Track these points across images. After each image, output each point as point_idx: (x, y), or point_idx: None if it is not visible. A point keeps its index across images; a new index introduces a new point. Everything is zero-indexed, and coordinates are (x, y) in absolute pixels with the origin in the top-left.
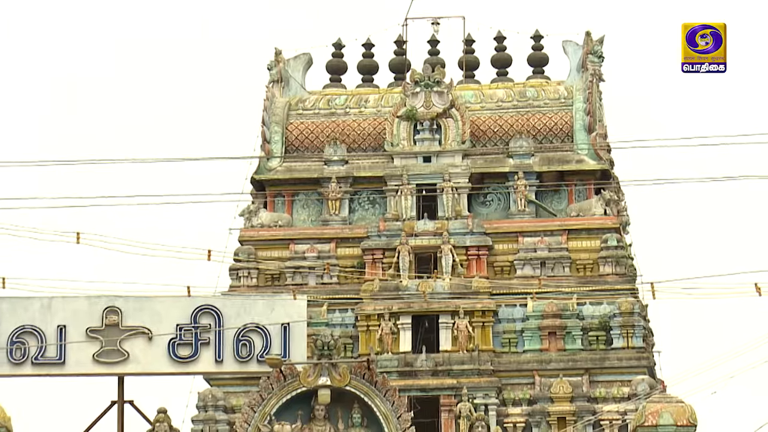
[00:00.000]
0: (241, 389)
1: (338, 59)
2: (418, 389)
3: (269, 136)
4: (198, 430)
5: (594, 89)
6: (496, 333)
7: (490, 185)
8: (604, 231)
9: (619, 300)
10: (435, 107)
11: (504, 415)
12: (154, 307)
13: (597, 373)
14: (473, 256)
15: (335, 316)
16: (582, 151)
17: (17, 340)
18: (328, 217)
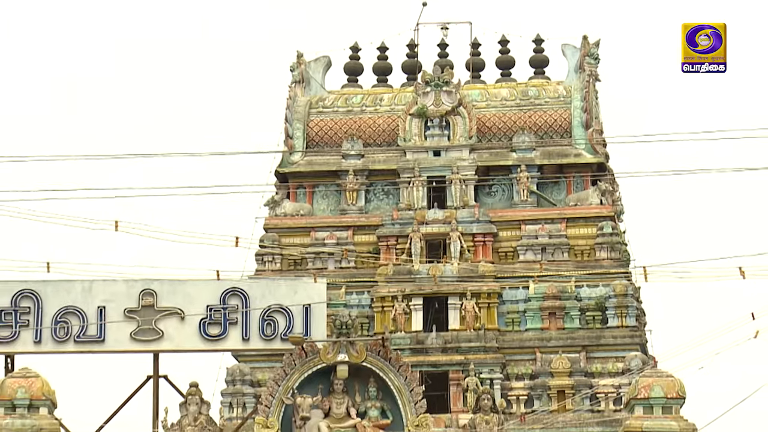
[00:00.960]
0: (266, 365)
1: (355, 61)
2: (428, 365)
3: (292, 132)
4: (227, 403)
5: (591, 89)
6: (500, 313)
7: (495, 177)
8: (600, 219)
9: (613, 283)
10: (444, 105)
11: (508, 388)
12: (186, 289)
13: (593, 350)
14: (479, 243)
15: (352, 298)
16: (579, 146)
17: (61, 320)
18: (345, 207)
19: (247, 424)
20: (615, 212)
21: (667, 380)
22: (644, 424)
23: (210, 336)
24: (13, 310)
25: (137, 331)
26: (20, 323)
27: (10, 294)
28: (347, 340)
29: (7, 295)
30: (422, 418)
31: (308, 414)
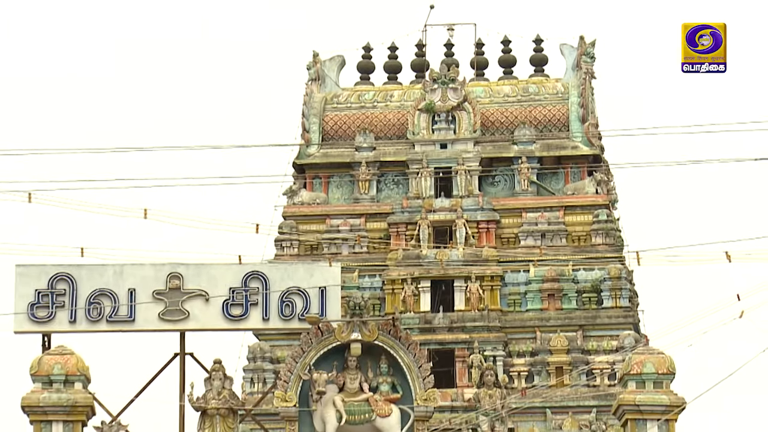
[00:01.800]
0: (285, 343)
1: (367, 60)
2: (436, 343)
3: (308, 126)
4: (248, 378)
5: (587, 85)
6: (502, 295)
7: (498, 168)
8: (595, 207)
9: (608, 266)
10: (450, 101)
11: (510, 365)
12: (210, 272)
13: (589, 329)
14: (483, 229)
15: (365, 281)
16: (576, 139)
17: (94, 301)
18: (358, 196)
19: (268, 398)
20: (609, 201)
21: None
22: (637, 398)
23: (232, 316)
24: (49, 292)
25: (165, 311)
26: (56, 304)
27: (47, 277)
28: (360, 320)
29: (44, 278)
30: (430, 392)
31: (324, 389)
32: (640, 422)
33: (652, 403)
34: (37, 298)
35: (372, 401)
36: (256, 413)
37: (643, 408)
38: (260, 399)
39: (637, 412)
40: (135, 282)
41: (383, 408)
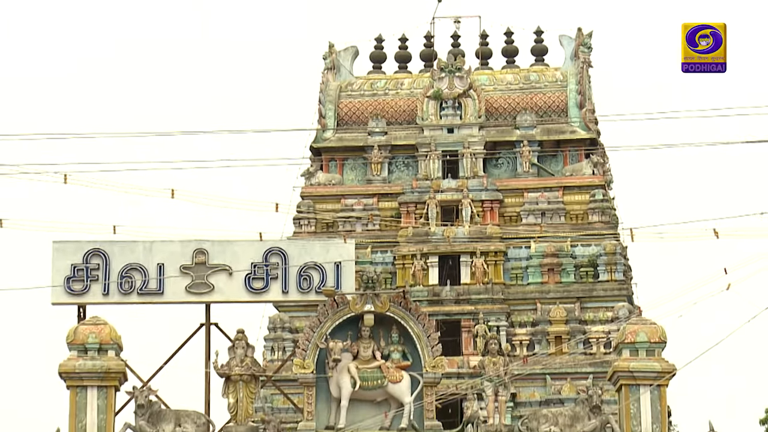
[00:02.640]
0: (303, 314)
1: (379, 51)
2: (443, 314)
3: (324, 112)
4: (269, 347)
5: (584, 74)
6: (505, 269)
7: (501, 151)
8: (592, 187)
9: (604, 242)
10: (457, 89)
11: (512, 334)
12: (233, 248)
13: (586, 301)
14: (487, 208)
15: (377, 256)
16: (574, 124)
17: (125, 275)
18: (371, 177)
19: (287, 365)
20: (605, 181)
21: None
22: (630, 365)
23: (254, 289)
24: (84, 267)
25: (191, 284)
26: (91, 278)
27: (82, 252)
28: (373, 292)
29: (79, 254)
30: (438, 360)
31: (339, 356)
32: (633, 387)
33: (645, 369)
34: (72, 272)
35: (384, 368)
36: (277, 379)
37: (636, 374)
38: (280, 366)
39: (630, 378)
40: (163, 257)
41: (394, 374)
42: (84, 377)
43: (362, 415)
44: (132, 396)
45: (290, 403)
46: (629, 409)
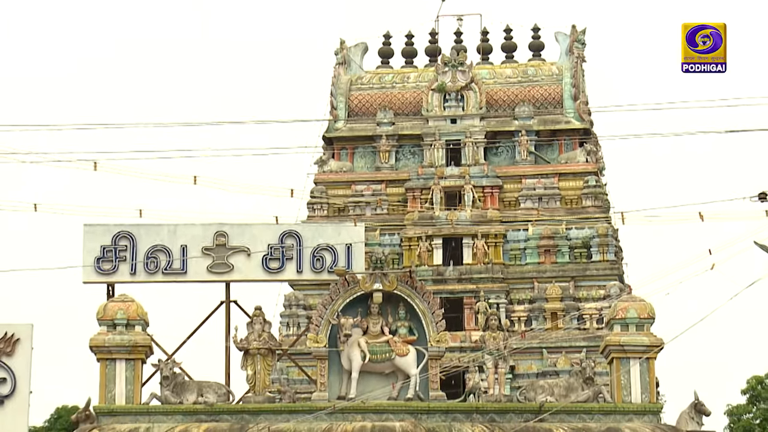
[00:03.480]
0: (316, 292)
1: (387, 47)
2: (447, 292)
3: (336, 104)
4: (285, 323)
5: (578, 68)
6: (505, 250)
7: (501, 140)
8: (585, 174)
9: (597, 225)
10: (459, 82)
11: (511, 311)
12: (251, 231)
13: (580, 280)
14: (488, 193)
15: (385, 239)
16: (569, 114)
17: (151, 256)
18: (380, 165)
19: (301, 339)
20: (598, 168)
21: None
22: (621, 339)
23: (271, 269)
24: (113, 248)
25: (212, 265)
26: (119, 258)
27: (111, 235)
28: (381, 272)
29: (108, 236)
30: (442, 335)
31: (350, 332)
32: (624, 360)
33: (635, 343)
34: (102, 253)
35: (392, 342)
36: (292, 353)
37: (626, 348)
38: (295, 341)
39: (621, 352)
40: (186, 239)
41: (401, 348)
42: (113, 351)
43: (371, 386)
44: (157, 368)
45: (304, 374)
46: (620, 380)
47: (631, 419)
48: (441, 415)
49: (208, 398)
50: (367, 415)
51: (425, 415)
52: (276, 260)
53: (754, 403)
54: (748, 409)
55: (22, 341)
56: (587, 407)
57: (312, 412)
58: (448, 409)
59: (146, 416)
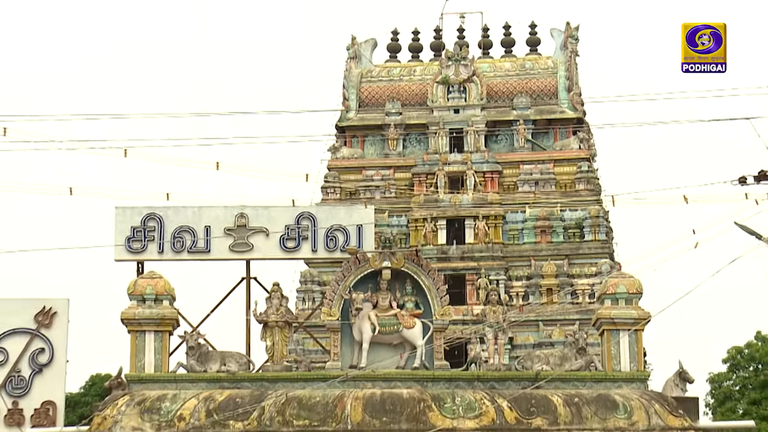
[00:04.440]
0: (330, 269)
1: (395, 42)
2: (450, 270)
3: (348, 96)
4: (301, 297)
5: (572, 62)
6: (504, 231)
7: (500, 129)
8: (579, 160)
9: (589, 208)
10: (462, 75)
11: (510, 287)
12: (270, 213)
13: (574, 258)
14: (488, 178)
15: (393, 220)
16: (563, 105)
17: (178, 236)
18: (388, 152)
19: (316, 313)
20: (590, 155)
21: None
22: (611, 312)
23: (287, 248)
24: (142, 228)
25: (234, 244)
26: (148, 238)
27: (140, 216)
28: (390, 251)
29: (138, 217)
30: (446, 309)
31: (361, 306)
32: (614, 332)
33: (624, 317)
34: (132, 233)
35: (399, 316)
36: (307, 325)
37: (616, 321)
38: (310, 314)
39: (611, 324)
40: (210, 220)
41: (408, 321)
42: (142, 323)
43: (381, 356)
44: (183, 339)
45: (319, 345)
46: (610, 350)
47: (621, 386)
48: (445, 382)
49: (230, 367)
50: (376, 383)
51: (430, 382)
52: (292, 240)
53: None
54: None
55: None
56: (580, 375)
57: (326, 380)
58: (451, 377)
59: (173, 383)
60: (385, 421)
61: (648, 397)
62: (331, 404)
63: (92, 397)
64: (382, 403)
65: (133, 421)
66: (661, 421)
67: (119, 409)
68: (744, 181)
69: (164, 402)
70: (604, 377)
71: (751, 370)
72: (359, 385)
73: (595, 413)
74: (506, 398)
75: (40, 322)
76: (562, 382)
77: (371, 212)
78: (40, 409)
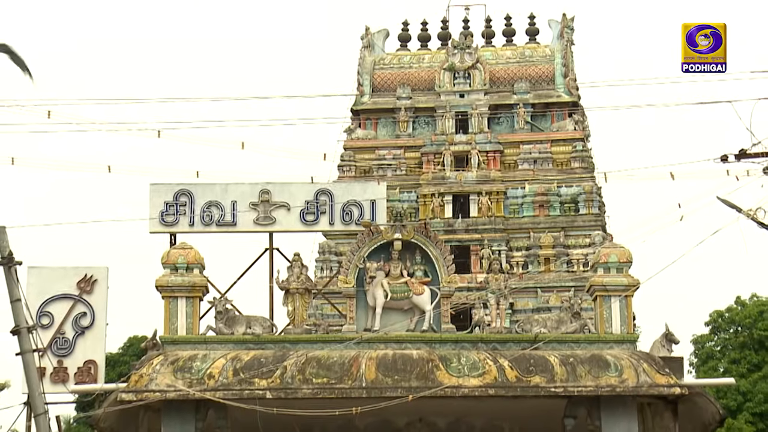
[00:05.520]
0: (346, 241)
1: (405, 32)
2: (456, 241)
3: (362, 82)
4: (319, 266)
5: (568, 50)
6: (505, 205)
7: (502, 112)
8: (574, 140)
9: (583, 184)
10: (467, 62)
11: (510, 256)
12: (290, 189)
13: (569, 230)
14: (491, 157)
15: (404, 195)
16: (560, 89)
17: (206, 210)
18: (399, 133)
19: (333, 280)
20: (584, 135)
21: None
22: (604, 280)
23: (307, 221)
24: (174, 204)
25: (258, 218)
26: (179, 212)
27: (172, 192)
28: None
29: (170, 193)
30: (452, 276)
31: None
32: (606, 298)
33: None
34: (165, 208)
35: (409, 283)
36: (325, 292)
37: (608, 287)
38: (328, 281)
39: (604, 291)
40: (236, 196)
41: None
42: (175, 290)
43: (392, 320)
44: (212, 305)
45: (336, 310)
46: (603, 314)
47: (612, 347)
48: (451, 344)
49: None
50: (389, 345)
51: (438, 344)
52: (311, 214)
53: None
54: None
55: (100, 281)
56: (575, 337)
57: (342, 341)
58: (457, 339)
59: (203, 345)
60: (396, 379)
61: (637, 357)
62: (347, 364)
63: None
64: (394, 363)
65: (167, 378)
66: (648, 379)
67: (154, 367)
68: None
69: (195, 361)
70: (597, 339)
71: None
72: (373, 346)
73: (588, 372)
74: (507, 358)
75: (82, 289)
76: (558, 343)
77: (383, 188)
78: (82, 368)
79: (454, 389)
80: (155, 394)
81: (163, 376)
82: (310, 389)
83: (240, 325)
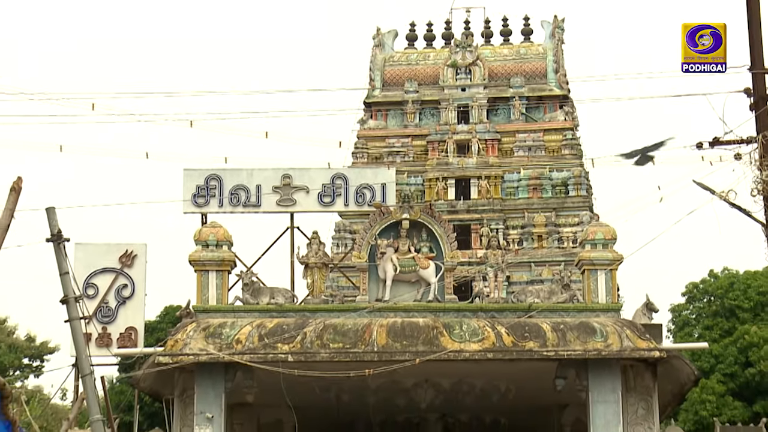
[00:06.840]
0: (359, 220)
1: (412, 32)
2: (458, 221)
3: (373, 77)
4: (335, 243)
5: (559, 48)
6: (502, 188)
7: (499, 104)
8: (564, 130)
9: (572, 169)
10: (468, 60)
11: (507, 234)
12: (309, 174)
13: (560, 211)
14: (490, 145)
15: (411, 180)
16: (552, 84)
17: (234, 193)
18: (407, 123)
19: (348, 256)
20: (574, 125)
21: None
22: (591, 255)
23: (324, 203)
24: (205, 187)
25: (280, 200)
26: (210, 195)
27: (204, 177)
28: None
29: (202, 178)
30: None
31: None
32: (593, 271)
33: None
34: (197, 191)
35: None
36: (341, 266)
37: (595, 262)
38: (343, 257)
39: (591, 265)
40: (260, 180)
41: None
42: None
43: (401, 291)
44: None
45: (350, 282)
46: (590, 286)
47: (598, 315)
48: (454, 313)
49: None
50: (398, 313)
51: (442, 313)
52: (328, 196)
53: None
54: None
55: (139, 256)
56: (565, 307)
57: (356, 310)
58: (459, 308)
59: (231, 313)
60: (405, 344)
61: (620, 324)
62: (361, 330)
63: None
64: (402, 330)
65: (200, 343)
66: (631, 344)
67: (188, 333)
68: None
69: (224, 328)
70: (585, 308)
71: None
72: (384, 315)
73: (577, 337)
74: (504, 325)
75: (124, 263)
76: (550, 312)
77: (393, 173)
78: (124, 334)
79: (457, 353)
80: (189, 358)
81: (195, 341)
82: (327, 353)
83: (264, 296)
